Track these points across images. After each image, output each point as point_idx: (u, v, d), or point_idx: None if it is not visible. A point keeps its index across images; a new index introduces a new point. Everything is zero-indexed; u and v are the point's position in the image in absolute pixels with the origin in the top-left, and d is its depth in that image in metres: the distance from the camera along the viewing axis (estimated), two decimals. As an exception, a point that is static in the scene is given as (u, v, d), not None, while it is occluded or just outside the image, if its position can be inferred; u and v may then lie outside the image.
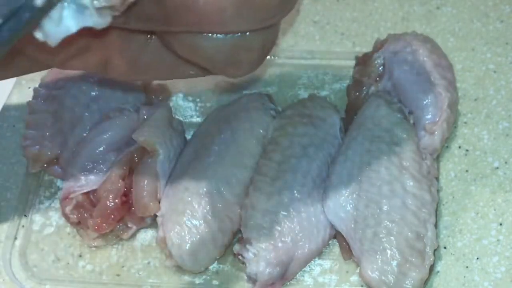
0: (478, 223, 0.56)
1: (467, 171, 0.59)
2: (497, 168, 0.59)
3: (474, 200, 0.57)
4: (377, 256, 0.52)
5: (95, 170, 0.57)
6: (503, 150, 0.60)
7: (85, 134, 0.59)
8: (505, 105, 0.62)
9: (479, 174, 0.59)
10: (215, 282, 0.56)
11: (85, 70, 0.42)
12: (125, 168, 0.57)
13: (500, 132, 0.60)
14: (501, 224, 0.56)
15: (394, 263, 0.52)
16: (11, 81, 0.66)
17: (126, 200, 0.56)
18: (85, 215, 0.56)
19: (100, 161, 0.57)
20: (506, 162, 0.59)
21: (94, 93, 0.61)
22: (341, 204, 0.55)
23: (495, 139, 0.60)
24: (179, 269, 0.55)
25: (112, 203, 0.56)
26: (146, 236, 0.58)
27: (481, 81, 0.63)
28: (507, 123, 0.61)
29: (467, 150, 0.60)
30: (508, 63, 0.64)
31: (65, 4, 0.33)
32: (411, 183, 0.54)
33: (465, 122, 0.61)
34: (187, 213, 0.55)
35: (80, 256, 0.57)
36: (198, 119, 0.63)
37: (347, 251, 0.55)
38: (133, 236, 0.58)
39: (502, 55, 0.64)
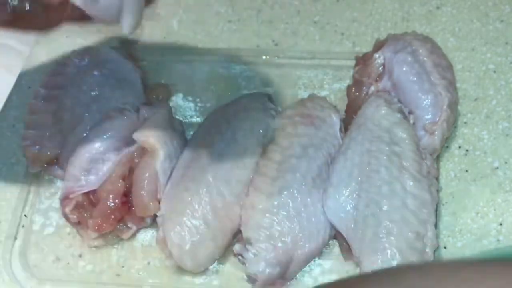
0: (478, 223, 0.56)
1: (467, 171, 0.59)
2: (497, 168, 0.59)
3: (474, 200, 0.57)
4: (377, 256, 0.52)
5: (95, 170, 0.57)
6: (503, 150, 0.60)
7: (85, 134, 0.59)
8: (505, 105, 0.62)
9: (479, 174, 0.59)
10: (215, 282, 0.56)
11: None
12: (125, 168, 0.57)
13: (500, 132, 0.60)
14: (501, 224, 0.56)
15: (394, 262, 0.52)
16: (11, 81, 0.66)
17: (126, 200, 0.56)
18: (85, 215, 0.56)
19: (100, 162, 0.57)
20: (506, 162, 0.59)
21: (94, 93, 0.61)
22: (341, 204, 0.55)
23: (495, 139, 0.60)
24: (179, 269, 0.55)
25: (112, 203, 0.56)
26: (146, 236, 0.58)
27: (481, 81, 0.63)
28: (507, 123, 0.61)
29: (467, 150, 0.60)
30: (508, 63, 0.64)
31: None
32: (411, 183, 0.54)
33: (465, 122, 0.61)
34: (187, 213, 0.55)
35: (80, 256, 0.57)
36: (198, 119, 0.63)
37: (347, 251, 0.55)
38: (133, 236, 0.58)
39: (502, 55, 0.64)
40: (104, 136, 0.58)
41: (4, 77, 0.66)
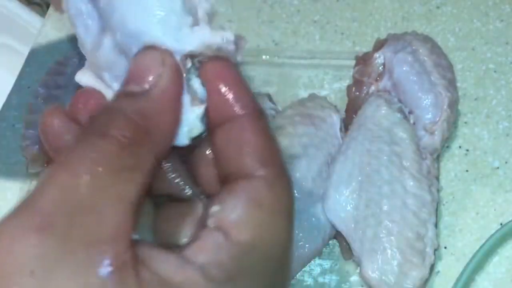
0: (478, 223, 0.56)
1: (467, 171, 0.59)
2: (497, 168, 0.59)
3: (474, 200, 0.57)
4: (378, 256, 0.52)
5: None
6: (503, 150, 0.60)
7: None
8: (505, 105, 0.62)
9: (479, 174, 0.59)
10: (215, 282, 0.55)
11: None
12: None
13: (500, 132, 0.60)
14: (501, 224, 0.56)
15: (395, 263, 0.52)
16: (11, 81, 0.66)
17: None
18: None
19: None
20: (506, 162, 0.59)
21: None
22: (341, 204, 0.54)
23: (495, 139, 0.60)
24: (179, 269, 0.55)
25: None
26: (146, 236, 0.58)
27: (481, 81, 0.63)
28: (507, 123, 0.61)
29: (467, 150, 0.60)
30: (508, 63, 0.64)
31: None
32: (411, 183, 0.54)
33: (465, 122, 0.61)
34: (187, 213, 0.55)
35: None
36: (198, 119, 0.63)
37: (347, 251, 0.55)
38: (133, 236, 0.57)
39: (502, 55, 0.64)
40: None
41: (4, 77, 0.66)
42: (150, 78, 0.33)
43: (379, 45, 0.61)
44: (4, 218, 0.29)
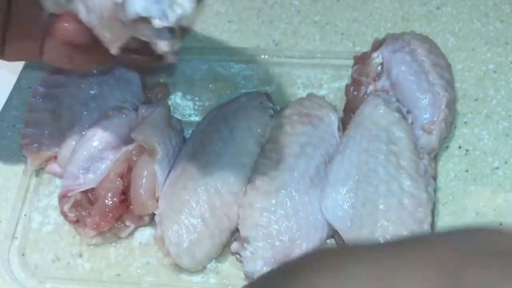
0: (478, 223, 0.56)
1: (467, 171, 0.59)
2: (497, 168, 0.59)
3: (474, 200, 0.57)
4: (373, 255, 0.52)
5: (93, 169, 0.57)
6: (503, 150, 0.59)
7: (83, 133, 0.59)
8: (505, 105, 0.62)
9: (479, 174, 0.58)
10: (213, 280, 0.55)
11: None
12: (123, 166, 0.57)
13: (500, 132, 0.60)
14: (501, 224, 0.56)
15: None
16: (11, 81, 0.66)
17: (124, 199, 0.56)
18: (83, 213, 0.56)
19: (99, 160, 0.58)
20: (506, 162, 0.59)
21: (93, 92, 0.61)
22: (339, 203, 0.54)
23: (495, 139, 0.60)
24: (177, 267, 0.55)
25: (110, 202, 0.56)
26: (144, 234, 0.58)
27: (481, 81, 0.63)
28: (507, 123, 0.61)
29: (467, 150, 0.60)
30: (508, 63, 0.64)
31: None
32: (408, 183, 0.54)
33: (465, 122, 0.61)
34: (185, 212, 0.55)
35: (80, 255, 0.57)
36: (197, 118, 0.63)
37: (344, 250, 0.55)
38: (131, 234, 0.58)
39: (502, 55, 0.64)
40: (103, 135, 0.58)
41: (4, 77, 0.66)
42: None
43: (378, 44, 0.61)
44: None
